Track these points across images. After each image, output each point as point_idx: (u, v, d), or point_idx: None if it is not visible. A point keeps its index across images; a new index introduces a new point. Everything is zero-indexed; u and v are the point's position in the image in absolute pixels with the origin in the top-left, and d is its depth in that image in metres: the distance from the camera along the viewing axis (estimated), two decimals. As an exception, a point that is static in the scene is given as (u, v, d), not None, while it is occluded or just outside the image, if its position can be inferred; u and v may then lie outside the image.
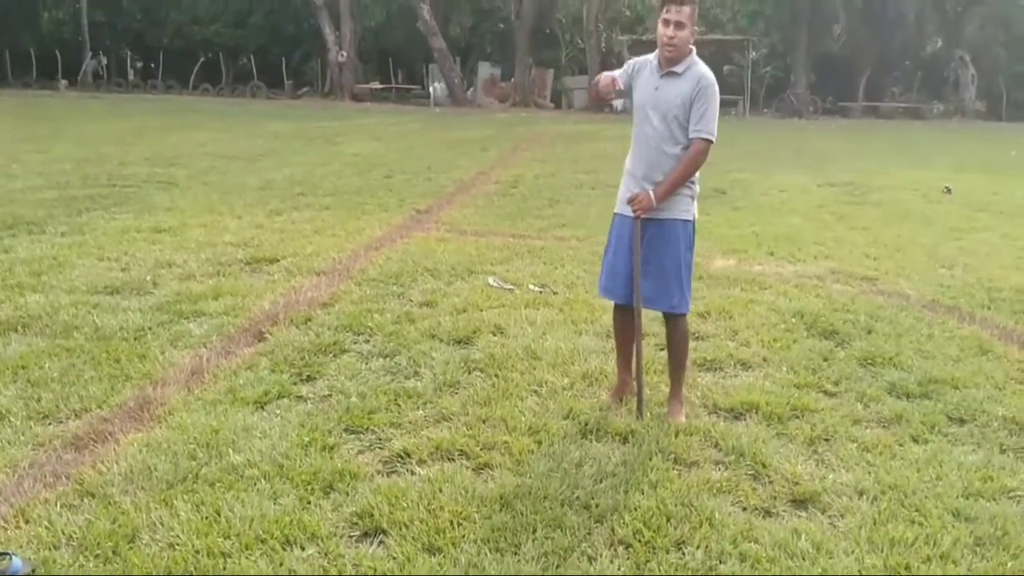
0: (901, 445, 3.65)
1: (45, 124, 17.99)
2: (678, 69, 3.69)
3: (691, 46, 3.71)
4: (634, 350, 3.89)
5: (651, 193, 3.66)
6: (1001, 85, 34.20)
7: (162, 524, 2.80)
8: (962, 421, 3.94)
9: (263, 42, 37.88)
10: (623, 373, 4.05)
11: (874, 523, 3.01)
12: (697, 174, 3.76)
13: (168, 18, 37.59)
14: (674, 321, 3.88)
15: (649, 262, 3.74)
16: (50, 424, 3.54)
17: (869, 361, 4.66)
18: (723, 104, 4.57)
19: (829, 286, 6.33)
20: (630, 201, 3.69)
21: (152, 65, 38.72)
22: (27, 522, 2.81)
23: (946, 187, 12.02)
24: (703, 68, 3.71)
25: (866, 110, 34.64)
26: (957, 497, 3.20)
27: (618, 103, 29.61)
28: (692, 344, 4.75)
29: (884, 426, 3.87)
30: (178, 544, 2.71)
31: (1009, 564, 2.80)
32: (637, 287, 3.75)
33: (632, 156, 3.85)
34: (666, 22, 3.63)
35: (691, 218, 3.80)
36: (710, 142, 3.66)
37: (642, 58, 3.85)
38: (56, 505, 2.90)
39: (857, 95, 35.20)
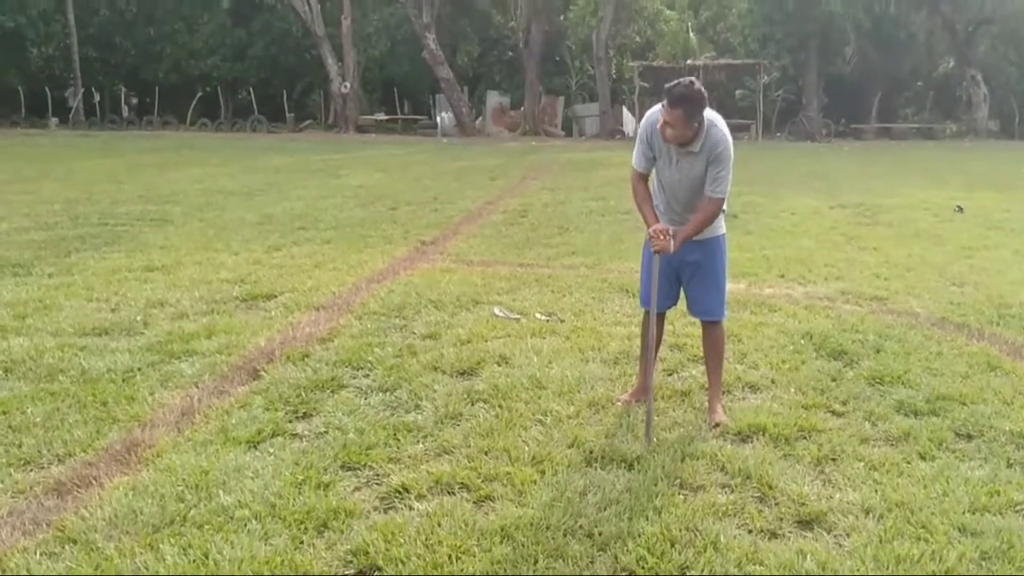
0: (908, 462, 3.59)
1: (34, 164, 17.59)
2: (694, 148, 3.84)
3: (702, 120, 3.77)
4: (647, 369, 3.99)
5: (671, 240, 3.86)
6: (1013, 104, 34.06)
7: (147, 569, 2.72)
8: (969, 437, 3.88)
9: (263, 75, 36.60)
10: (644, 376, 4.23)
11: (880, 541, 2.96)
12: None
13: (164, 52, 36.18)
14: (713, 326, 4.19)
15: (694, 278, 4.10)
16: (31, 470, 3.44)
17: (877, 380, 4.58)
18: (735, 128, 4.62)
19: (839, 307, 6.22)
20: (652, 239, 3.89)
21: (148, 100, 37.22)
22: (4, 572, 2.72)
23: (958, 206, 11.91)
24: (716, 133, 3.81)
25: (879, 131, 34.53)
26: (963, 512, 3.16)
27: (629, 129, 29.11)
28: (700, 368, 4.67)
29: (891, 444, 3.80)
30: (162, 589, 2.61)
31: (1014, 577, 2.72)
32: (653, 310, 4.02)
33: (661, 202, 4.08)
34: (665, 121, 3.77)
35: (723, 232, 4.14)
36: (723, 199, 3.91)
37: (653, 115, 3.89)
38: (36, 553, 2.81)
39: (870, 117, 35.11)
